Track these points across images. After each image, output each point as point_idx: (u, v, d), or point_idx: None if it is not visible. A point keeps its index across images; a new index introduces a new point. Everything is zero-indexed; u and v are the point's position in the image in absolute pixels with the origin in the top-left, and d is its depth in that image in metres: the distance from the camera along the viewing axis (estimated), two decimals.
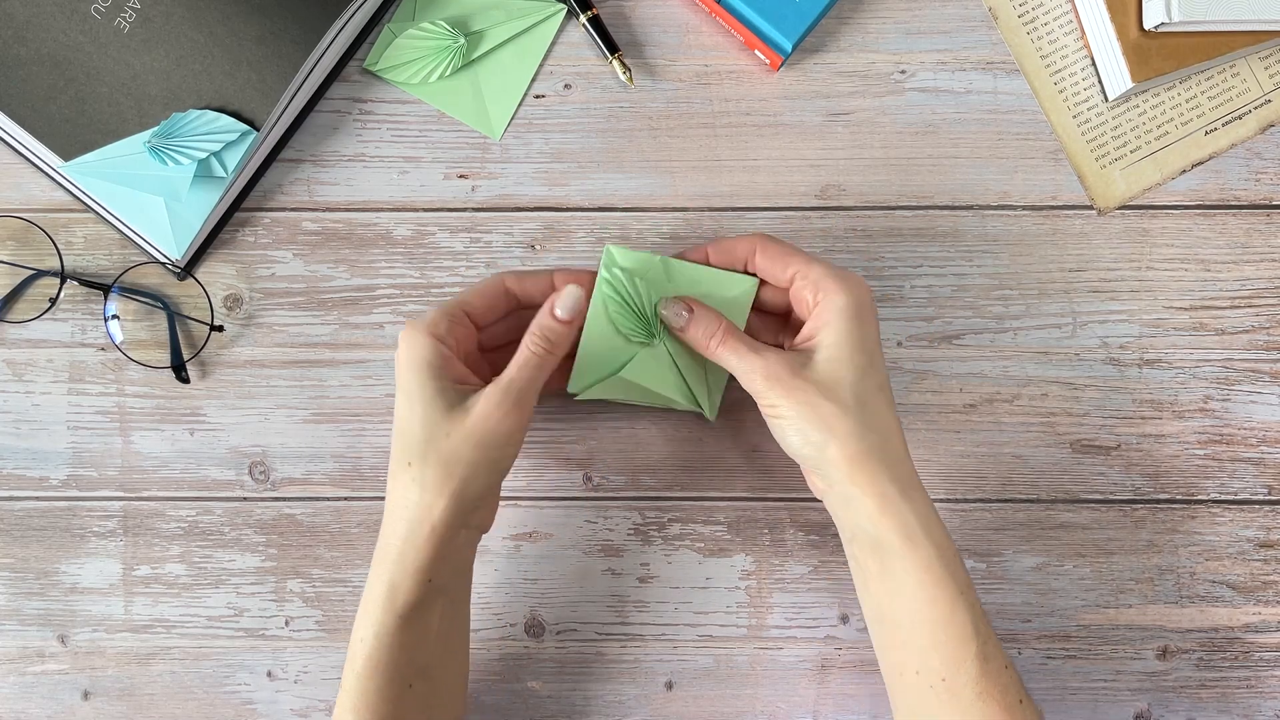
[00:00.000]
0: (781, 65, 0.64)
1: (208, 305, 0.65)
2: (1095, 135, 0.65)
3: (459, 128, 0.65)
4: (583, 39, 0.65)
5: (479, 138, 0.65)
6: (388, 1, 0.65)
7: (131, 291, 0.65)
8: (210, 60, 0.61)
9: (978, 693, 0.54)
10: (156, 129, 0.61)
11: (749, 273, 0.60)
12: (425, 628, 0.55)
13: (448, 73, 0.64)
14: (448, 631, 0.57)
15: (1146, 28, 0.62)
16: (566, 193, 0.65)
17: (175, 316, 0.65)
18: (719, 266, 0.60)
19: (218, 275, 0.65)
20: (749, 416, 0.64)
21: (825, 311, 0.56)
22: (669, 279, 0.59)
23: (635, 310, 0.59)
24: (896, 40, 0.65)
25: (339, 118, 0.65)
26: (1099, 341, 0.65)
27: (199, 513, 0.65)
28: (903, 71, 0.65)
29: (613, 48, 0.64)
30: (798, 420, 0.55)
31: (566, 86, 0.65)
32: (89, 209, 0.64)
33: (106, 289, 0.64)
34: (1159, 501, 0.65)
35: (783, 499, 0.65)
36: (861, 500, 0.54)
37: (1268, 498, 0.65)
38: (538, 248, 0.65)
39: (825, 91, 0.65)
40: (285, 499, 0.65)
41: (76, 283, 0.64)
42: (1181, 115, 0.65)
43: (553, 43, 0.65)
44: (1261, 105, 0.65)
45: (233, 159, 0.61)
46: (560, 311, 0.56)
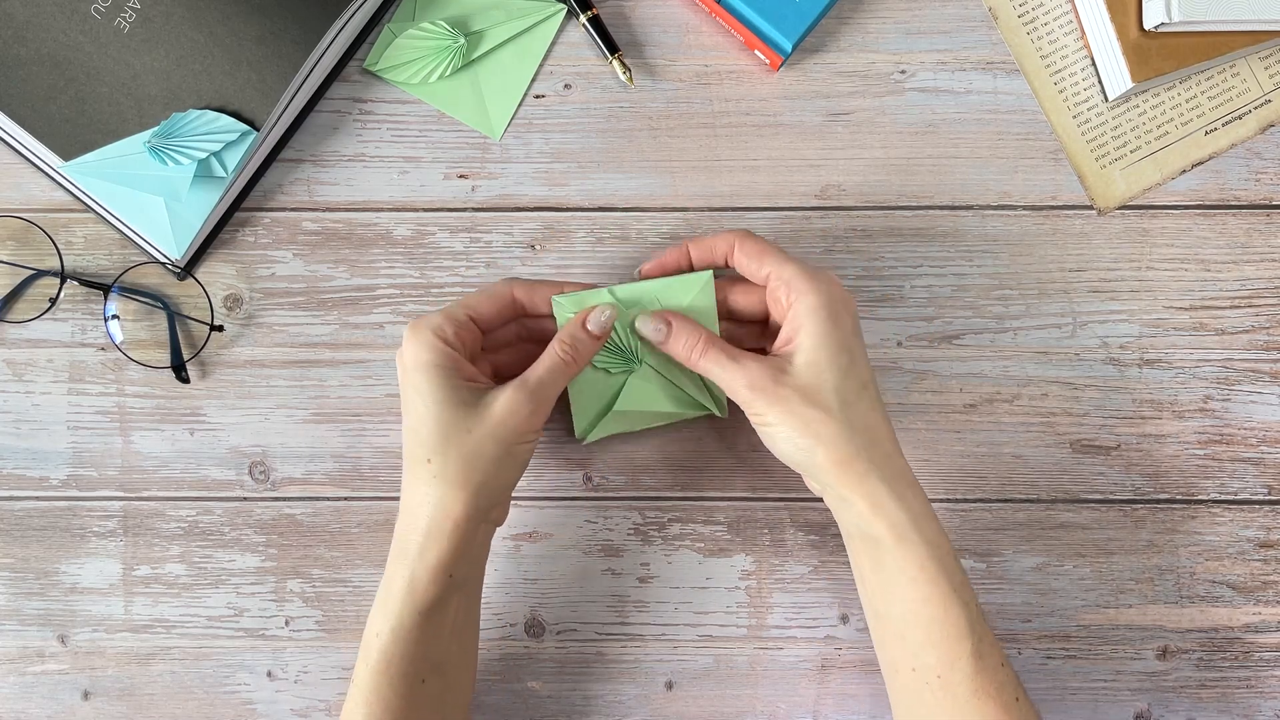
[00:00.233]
0: (781, 65, 0.64)
1: (208, 305, 0.65)
2: (1095, 135, 0.65)
3: (459, 128, 0.65)
4: (583, 39, 0.65)
5: (479, 138, 0.65)
6: (388, 1, 0.65)
7: (131, 291, 0.65)
8: (210, 60, 0.61)
9: (973, 690, 0.54)
10: (156, 129, 0.61)
11: (727, 268, 0.60)
12: (442, 623, 0.55)
13: (448, 73, 0.64)
14: (462, 627, 0.57)
15: (1146, 28, 0.62)
16: (566, 193, 0.65)
17: (175, 316, 0.65)
18: (698, 263, 0.60)
19: (218, 275, 0.65)
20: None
21: (799, 314, 0.55)
22: (624, 303, 0.59)
23: (609, 346, 0.59)
24: (896, 40, 0.65)
25: (339, 118, 0.65)
26: (1099, 341, 0.65)
27: (199, 513, 0.65)
28: (903, 71, 0.65)
29: (613, 48, 0.64)
30: (785, 428, 0.55)
31: (566, 86, 0.65)
32: (89, 209, 0.64)
33: (106, 289, 0.64)
34: (1159, 501, 0.65)
35: (783, 499, 0.65)
36: (853, 501, 0.54)
37: (1268, 498, 0.65)
38: (538, 248, 0.65)
39: (825, 91, 0.65)
40: (285, 499, 0.65)
41: (76, 283, 0.64)
42: (1181, 115, 0.65)
43: (553, 43, 0.65)
44: (1261, 105, 0.65)
45: (233, 159, 0.61)
46: (592, 327, 0.57)
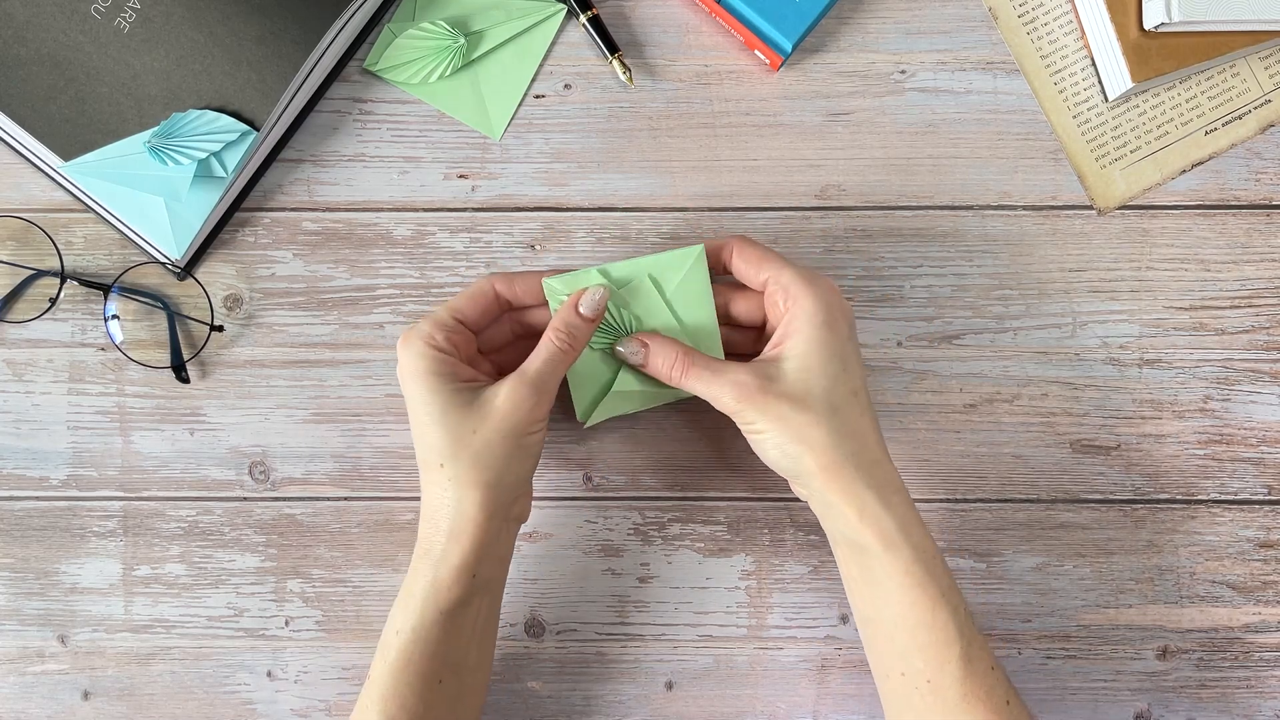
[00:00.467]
0: (781, 65, 0.64)
1: (208, 305, 0.65)
2: (1095, 135, 0.65)
3: (459, 128, 0.65)
4: (583, 39, 0.65)
5: (479, 138, 0.65)
6: (388, 1, 0.65)
7: (131, 291, 0.65)
8: (210, 60, 0.61)
9: (962, 694, 0.54)
10: (156, 129, 0.61)
11: (726, 274, 0.60)
12: (463, 624, 0.55)
13: (448, 73, 0.64)
14: (483, 629, 0.57)
15: (1146, 28, 0.62)
16: (566, 193, 0.65)
17: (175, 316, 0.65)
18: None
19: (218, 275, 0.65)
20: None
21: (794, 319, 0.55)
22: (616, 283, 0.59)
23: (603, 326, 0.59)
24: (896, 40, 0.65)
25: (339, 118, 0.65)
26: (1099, 341, 0.65)
27: (199, 513, 0.65)
28: (903, 71, 0.65)
29: (613, 48, 0.64)
30: (774, 435, 0.55)
31: (566, 86, 0.65)
32: (89, 209, 0.64)
33: (106, 289, 0.64)
34: (1159, 501, 0.65)
35: (783, 499, 0.65)
36: (840, 507, 0.54)
37: (1268, 498, 0.65)
38: (538, 248, 0.65)
39: (825, 91, 0.65)
40: (285, 499, 0.65)
41: (76, 283, 0.64)
42: (1181, 115, 0.65)
43: (553, 43, 0.65)
44: (1261, 105, 0.65)
45: (233, 159, 0.61)
46: (584, 309, 0.57)
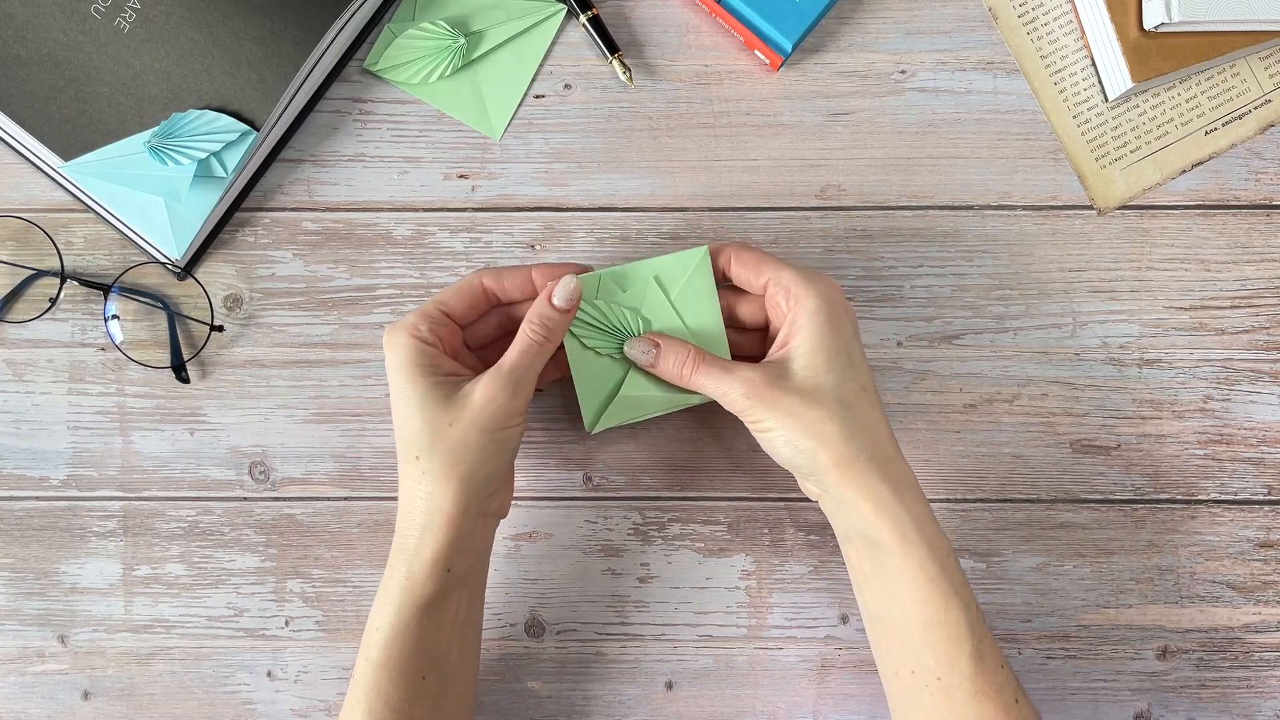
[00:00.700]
0: (781, 65, 0.64)
1: (208, 305, 0.65)
2: (1095, 135, 0.65)
3: (459, 128, 0.65)
4: (583, 39, 0.65)
5: (479, 138, 0.65)
6: (388, 1, 0.65)
7: (131, 291, 0.65)
8: (210, 60, 0.61)
9: (973, 692, 0.54)
10: (156, 129, 0.61)
11: (726, 281, 0.60)
12: (442, 618, 0.55)
13: (448, 73, 0.64)
14: (464, 623, 0.57)
15: (1146, 28, 0.62)
16: (566, 193, 0.65)
17: (175, 316, 0.65)
18: None
19: (218, 275, 0.65)
20: None
21: (798, 317, 0.56)
22: (621, 286, 0.59)
23: (604, 329, 0.59)
24: (896, 40, 0.65)
25: (339, 118, 0.65)
26: (1099, 341, 0.65)
27: (199, 513, 0.65)
28: (903, 71, 0.65)
29: (613, 48, 0.64)
30: (786, 432, 0.55)
31: (566, 86, 0.65)
32: (89, 209, 0.64)
33: (106, 289, 0.64)
34: (1159, 501, 0.65)
35: (783, 499, 0.65)
36: (855, 503, 0.54)
37: (1268, 498, 0.65)
38: (538, 248, 0.65)
39: (825, 91, 0.65)
40: (285, 499, 0.65)
41: (76, 283, 0.64)
42: (1181, 115, 0.65)
43: (553, 43, 0.65)
44: (1261, 105, 0.65)
45: (233, 159, 0.61)
46: (558, 300, 0.56)
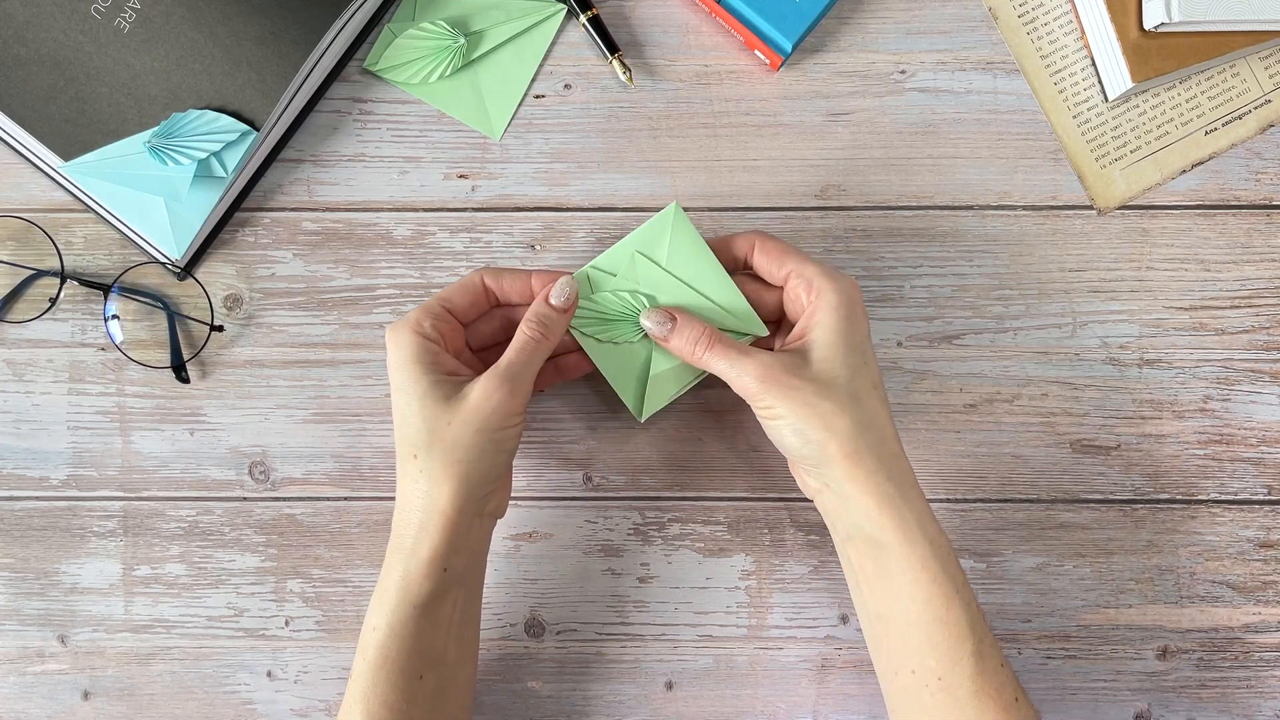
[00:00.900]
0: (781, 65, 0.64)
1: (208, 305, 0.65)
2: (1095, 135, 0.65)
3: (459, 128, 0.65)
4: (583, 39, 0.65)
5: (479, 138, 0.65)
6: (388, 1, 0.65)
7: (131, 291, 0.65)
8: (210, 60, 0.61)
9: (974, 691, 0.54)
10: (156, 129, 0.61)
11: (747, 269, 0.60)
12: (439, 618, 0.55)
13: (448, 73, 0.64)
14: (461, 622, 0.57)
15: (1146, 28, 0.62)
16: (566, 193, 0.65)
17: (175, 316, 0.65)
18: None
19: (218, 275, 0.65)
20: (748, 416, 0.64)
21: (819, 309, 0.56)
22: (610, 273, 0.59)
23: (612, 318, 0.59)
24: (896, 40, 0.65)
25: (339, 118, 0.65)
26: (1099, 341, 0.65)
27: (199, 513, 0.65)
28: (903, 71, 0.65)
29: (613, 48, 0.64)
30: (796, 420, 0.54)
31: (566, 86, 0.65)
32: (89, 209, 0.64)
33: (106, 289, 0.64)
34: (1159, 501, 0.65)
35: (783, 499, 0.65)
36: (860, 498, 0.54)
37: (1268, 498, 0.65)
38: (538, 248, 0.65)
39: (825, 91, 0.65)
40: (285, 499, 0.65)
41: (76, 283, 0.64)
42: (1181, 115, 0.65)
43: (553, 43, 0.65)
44: (1261, 105, 0.65)
45: (233, 159, 0.61)
46: (555, 300, 0.57)
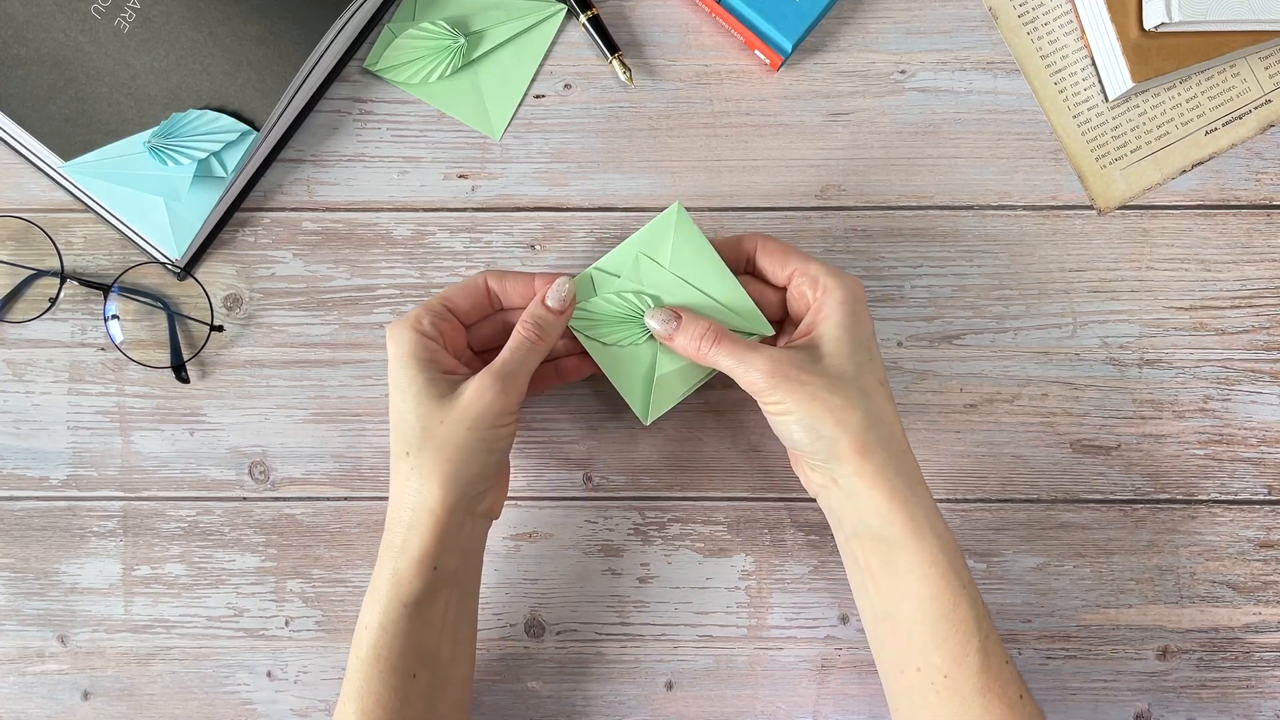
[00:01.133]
0: (781, 65, 0.64)
1: (208, 305, 0.65)
2: (1095, 135, 0.65)
3: (459, 128, 0.65)
4: (583, 39, 0.65)
5: (479, 138, 0.65)
6: (388, 1, 0.65)
7: (131, 291, 0.65)
8: (210, 60, 0.61)
9: (979, 688, 0.54)
10: (156, 129, 0.61)
11: (750, 270, 0.60)
12: (431, 617, 0.55)
13: (448, 73, 0.64)
14: (455, 622, 0.57)
15: (1146, 28, 0.62)
16: (566, 193, 0.65)
17: (175, 316, 0.65)
18: None
19: (218, 275, 0.65)
20: (749, 416, 0.64)
21: (825, 306, 0.56)
22: (614, 274, 0.59)
23: (617, 320, 0.59)
24: (896, 40, 0.65)
25: (339, 118, 0.65)
26: (1099, 341, 0.65)
27: (199, 513, 0.65)
28: (903, 71, 0.65)
29: (613, 48, 0.64)
30: (805, 415, 0.54)
31: (566, 86, 0.65)
32: (89, 209, 0.64)
33: (106, 289, 0.64)
34: (1159, 501, 0.65)
35: (783, 499, 0.65)
36: (869, 494, 0.54)
37: (1268, 498, 0.65)
38: (538, 248, 0.65)
39: (825, 91, 0.65)
40: (285, 499, 0.65)
41: (76, 283, 0.64)
42: (1181, 115, 0.65)
43: (553, 43, 0.65)
44: (1261, 105, 0.65)
45: (233, 159, 0.61)
46: (551, 301, 0.57)
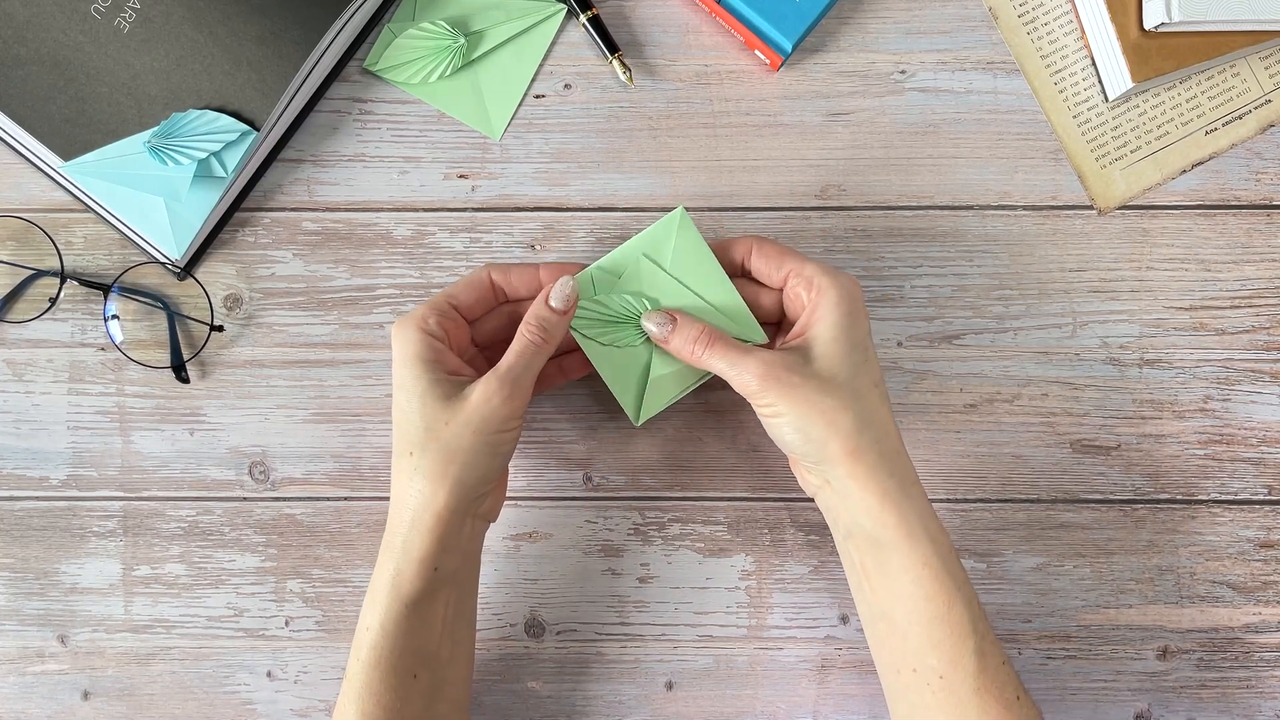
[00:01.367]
0: (781, 65, 0.64)
1: (208, 305, 0.65)
2: (1095, 135, 0.65)
3: (459, 128, 0.65)
4: (583, 39, 0.65)
5: (479, 138, 0.65)
6: (388, 1, 0.65)
7: (131, 291, 0.65)
8: (210, 60, 0.61)
9: (975, 689, 0.54)
10: (156, 129, 0.61)
11: (745, 274, 0.60)
12: (431, 617, 0.55)
13: (448, 73, 0.64)
14: (454, 622, 0.57)
15: (1146, 28, 0.62)
16: (566, 193, 0.65)
17: (175, 316, 0.65)
18: None
19: (218, 275, 0.65)
20: (748, 417, 0.64)
21: (819, 306, 0.56)
22: (615, 274, 0.59)
23: (614, 321, 0.59)
24: (896, 40, 0.65)
25: (339, 118, 0.65)
26: (1099, 341, 0.65)
27: (199, 513, 0.65)
28: (903, 71, 0.65)
29: (613, 48, 0.64)
30: (797, 418, 0.54)
31: (566, 86, 0.65)
32: (89, 209, 0.64)
33: (106, 289, 0.64)
34: (1159, 501, 0.65)
35: (783, 499, 0.65)
36: (861, 496, 0.54)
37: (1268, 498, 0.65)
38: (538, 248, 0.65)
39: (825, 91, 0.65)
40: (285, 499, 0.65)
41: (76, 283, 0.64)
42: (1181, 115, 0.65)
43: (553, 43, 0.65)
44: (1261, 105, 0.65)
45: (233, 159, 0.61)
46: (555, 302, 0.57)
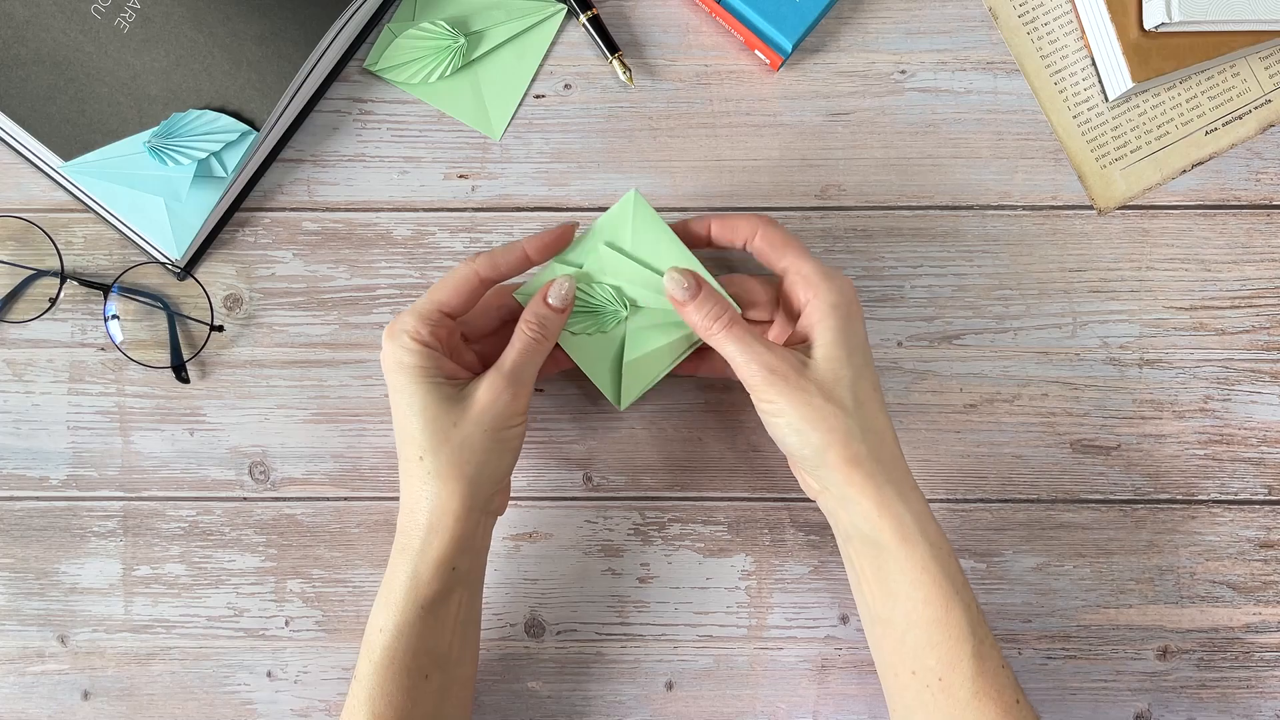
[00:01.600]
0: (781, 65, 0.64)
1: (208, 305, 0.65)
2: (1095, 135, 0.65)
3: (459, 128, 0.65)
4: (583, 39, 0.65)
5: (479, 138, 0.65)
6: (388, 1, 0.65)
7: (131, 291, 0.65)
8: (210, 60, 0.61)
9: (974, 692, 0.54)
10: (156, 129, 0.61)
11: (709, 245, 0.60)
12: (445, 617, 0.56)
13: (448, 73, 0.64)
14: (465, 622, 0.57)
15: (1146, 28, 0.62)
16: (566, 193, 0.65)
17: (175, 316, 0.65)
18: (718, 239, 0.59)
19: (218, 275, 0.65)
20: (749, 416, 0.64)
21: (817, 309, 0.56)
22: (577, 264, 0.59)
23: (583, 311, 0.59)
24: (896, 40, 0.65)
25: (339, 118, 0.65)
26: (1099, 341, 0.65)
27: (199, 513, 0.65)
28: (903, 71, 0.65)
29: (613, 48, 0.64)
30: (797, 420, 0.54)
31: (566, 86, 0.65)
32: (89, 209, 0.64)
33: (106, 289, 0.64)
34: (1159, 501, 0.65)
35: (783, 499, 0.65)
36: (858, 501, 0.54)
37: (1268, 498, 0.65)
38: None
39: (825, 91, 0.65)
40: (285, 499, 0.65)
41: (76, 283, 0.64)
42: (1181, 115, 0.65)
43: (553, 43, 0.65)
44: (1261, 105, 0.65)
45: (233, 159, 0.61)
46: (553, 300, 0.57)
